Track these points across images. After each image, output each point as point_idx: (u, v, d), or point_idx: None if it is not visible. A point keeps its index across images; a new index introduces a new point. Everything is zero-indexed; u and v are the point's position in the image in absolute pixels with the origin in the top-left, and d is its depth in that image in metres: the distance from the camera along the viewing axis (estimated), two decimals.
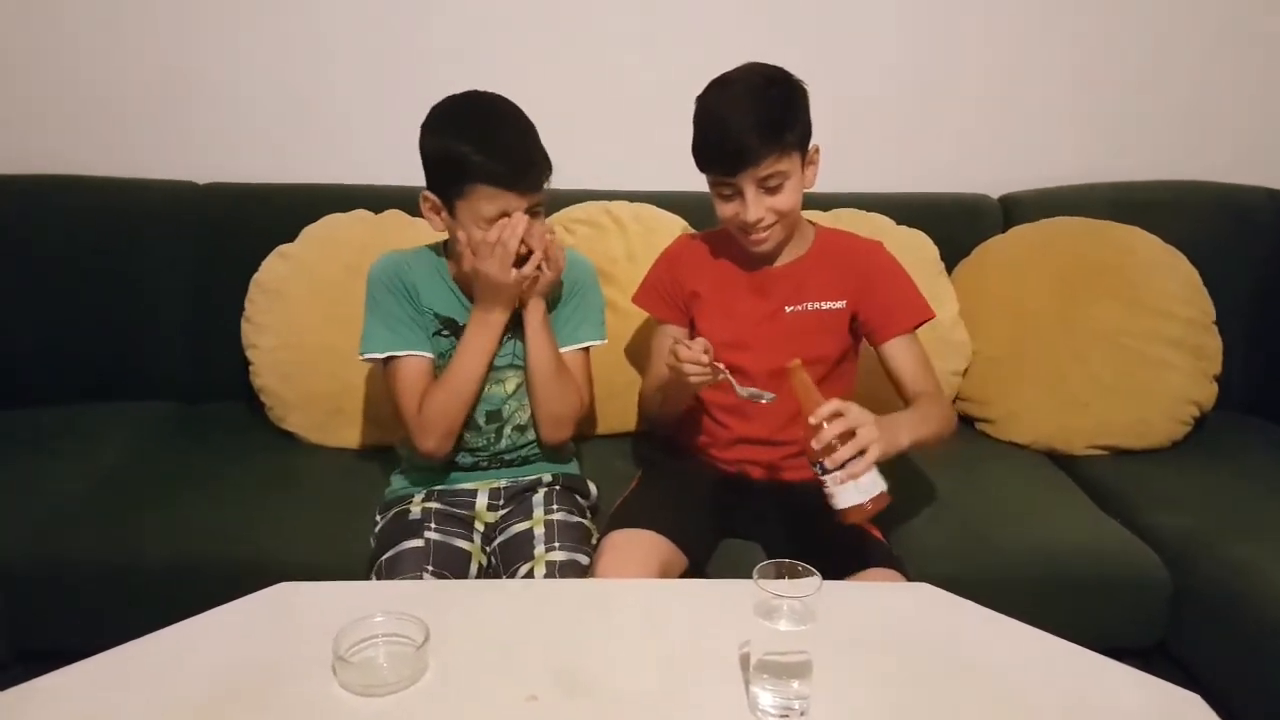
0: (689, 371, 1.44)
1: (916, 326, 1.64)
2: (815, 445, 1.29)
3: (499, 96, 1.54)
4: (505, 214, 1.48)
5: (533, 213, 1.50)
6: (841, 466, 1.28)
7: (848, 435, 1.28)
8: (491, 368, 1.60)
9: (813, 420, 1.29)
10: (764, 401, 1.44)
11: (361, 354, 1.60)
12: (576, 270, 1.67)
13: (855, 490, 1.28)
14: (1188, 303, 2.05)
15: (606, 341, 1.72)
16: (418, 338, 1.59)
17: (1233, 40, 2.32)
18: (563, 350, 1.65)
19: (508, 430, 1.65)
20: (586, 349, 1.70)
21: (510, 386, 1.64)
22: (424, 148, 1.52)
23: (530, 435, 1.68)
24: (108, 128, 2.24)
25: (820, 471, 1.30)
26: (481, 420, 1.63)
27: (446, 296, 1.61)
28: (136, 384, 2.15)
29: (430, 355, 1.60)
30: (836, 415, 1.29)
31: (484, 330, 1.56)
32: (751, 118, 1.50)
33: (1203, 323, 2.06)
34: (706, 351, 1.44)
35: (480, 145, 1.46)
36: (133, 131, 2.24)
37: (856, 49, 2.27)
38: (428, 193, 1.53)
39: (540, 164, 1.50)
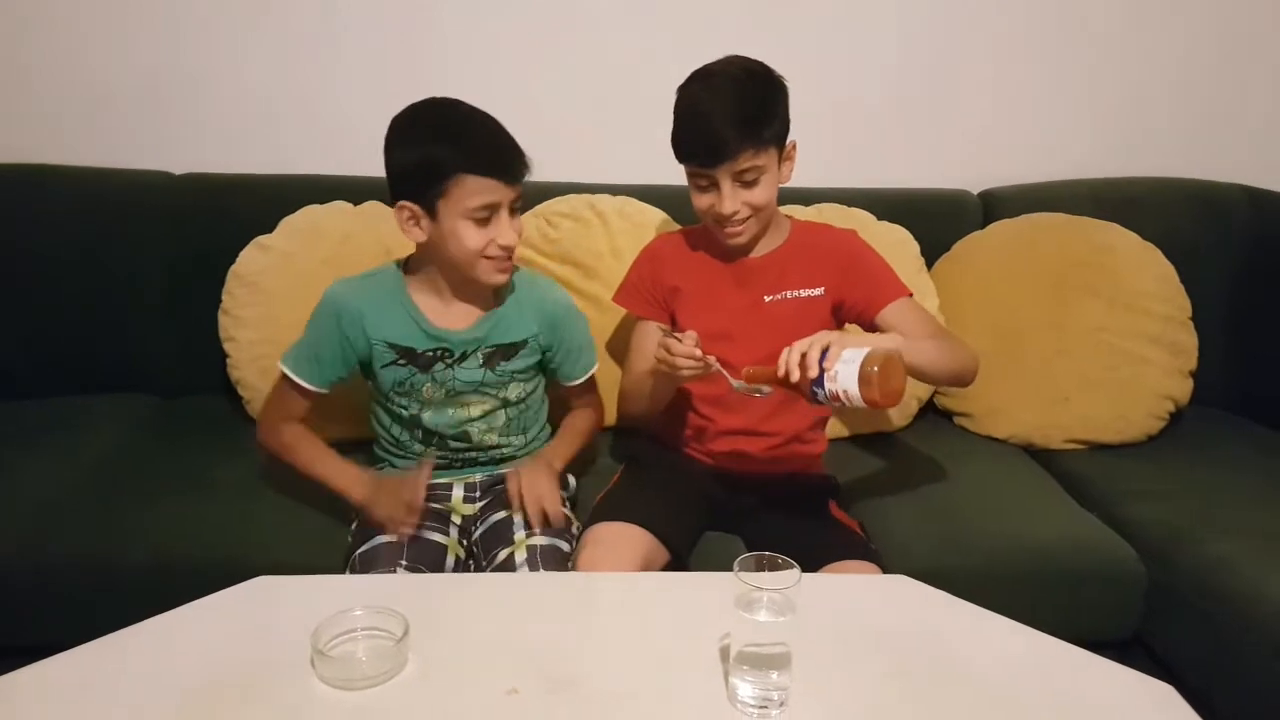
0: (681, 365, 1.43)
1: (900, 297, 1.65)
2: (795, 380, 1.29)
3: (460, 99, 1.51)
4: (491, 206, 1.46)
5: (511, 209, 1.50)
6: (822, 373, 1.28)
7: (805, 357, 1.30)
8: (452, 393, 1.59)
9: (780, 373, 1.31)
10: (759, 396, 1.43)
11: (280, 360, 1.60)
12: (561, 310, 1.67)
13: (847, 369, 1.25)
14: (1165, 299, 2.07)
15: (596, 365, 1.77)
16: (322, 376, 1.58)
17: (1211, 38, 2.34)
18: (575, 382, 1.72)
19: (480, 447, 1.66)
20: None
21: (475, 411, 1.62)
22: (396, 157, 1.49)
23: (503, 442, 1.67)
24: (82, 118, 2.21)
25: (823, 393, 1.28)
26: (450, 439, 1.63)
27: (403, 324, 1.57)
28: (113, 377, 2.13)
29: (322, 391, 1.59)
30: (787, 362, 1.31)
31: (339, 487, 1.58)
32: (731, 112, 1.51)
33: (1179, 319, 2.08)
34: (697, 344, 1.45)
35: (459, 139, 1.44)
36: (108, 121, 2.22)
37: (839, 46, 2.28)
38: (403, 203, 1.49)
39: (520, 152, 1.49)
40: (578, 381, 1.72)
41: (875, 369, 1.23)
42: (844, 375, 1.25)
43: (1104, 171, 2.33)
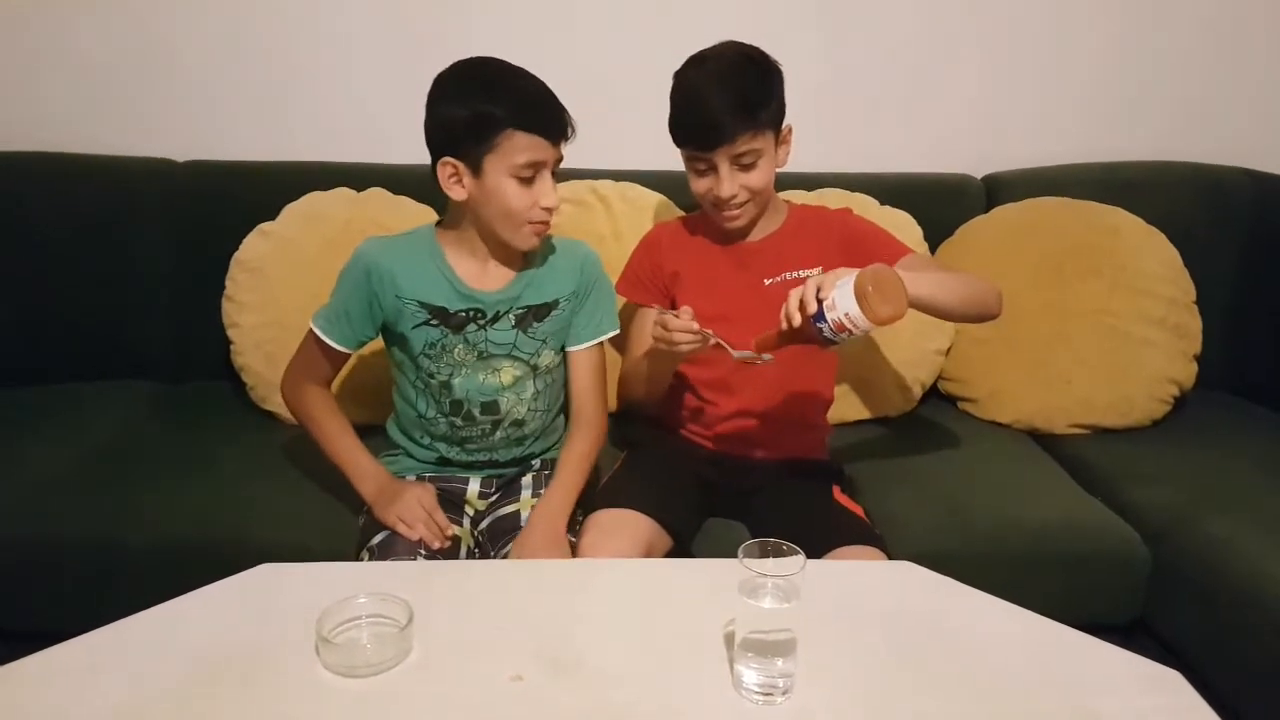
0: (679, 340, 1.43)
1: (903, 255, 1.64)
2: (798, 324, 1.29)
3: (504, 59, 1.50)
4: (537, 165, 1.44)
5: (553, 171, 1.48)
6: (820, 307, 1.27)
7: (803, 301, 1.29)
8: (484, 356, 1.56)
9: (785, 325, 1.31)
10: (760, 364, 1.41)
11: (311, 319, 1.58)
12: (588, 266, 1.64)
13: (842, 293, 1.25)
14: (1169, 282, 2.06)
15: (619, 330, 1.70)
16: (351, 336, 1.56)
17: (1214, 22, 2.32)
18: (583, 346, 1.64)
19: (504, 425, 1.61)
20: (602, 341, 1.67)
21: (506, 378, 1.58)
22: (445, 110, 1.45)
23: (527, 430, 1.64)
24: (84, 105, 2.21)
25: (827, 326, 1.27)
26: (477, 411, 1.59)
27: (436, 283, 1.54)
28: (117, 364, 2.13)
29: (348, 352, 1.58)
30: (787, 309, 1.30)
31: (351, 473, 1.57)
32: (728, 96, 1.51)
33: (1183, 302, 2.07)
34: (692, 319, 1.44)
35: (511, 95, 1.43)
36: (110, 108, 2.21)
37: (841, 29, 2.26)
38: (447, 159, 1.46)
39: (566, 113, 1.47)
40: (585, 346, 1.64)
41: (870, 286, 1.23)
42: (841, 299, 1.24)
43: (1107, 155, 2.31)
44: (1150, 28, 2.32)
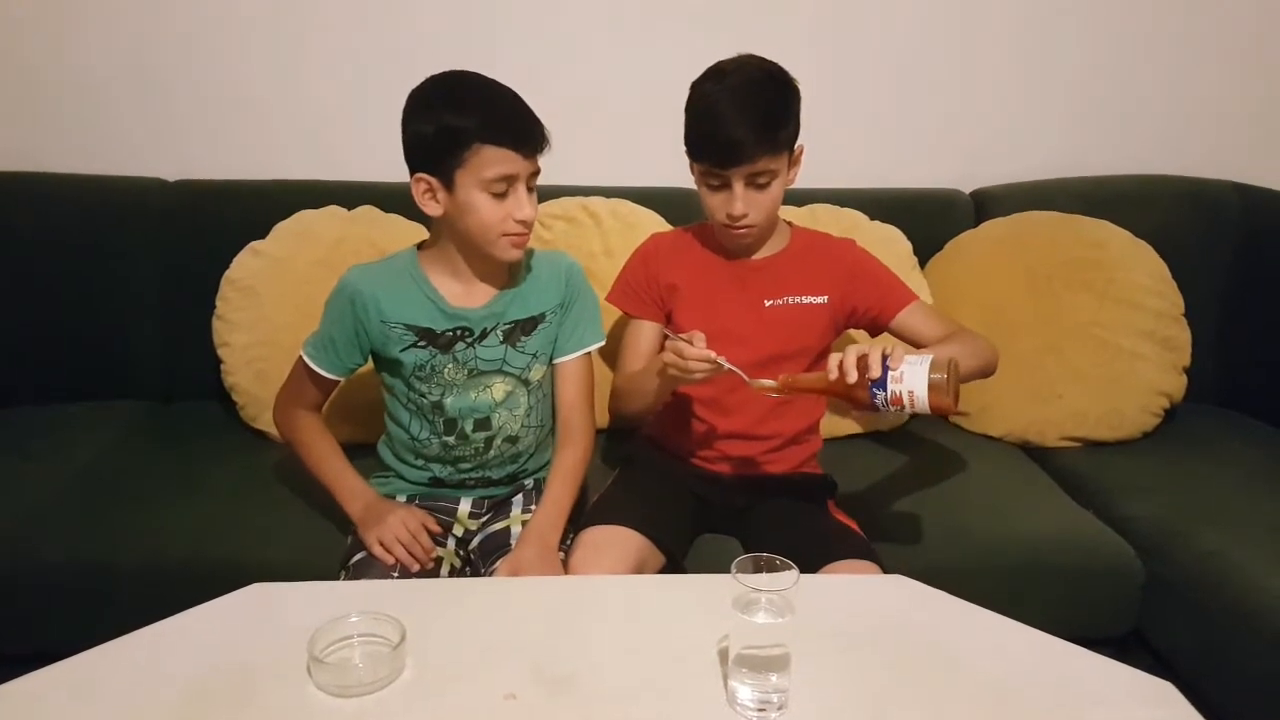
0: (695, 369, 1.38)
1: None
2: (851, 380, 1.25)
3: (478, 72, 1.49)
4: (509, 178, 1.43)
5: (529, 184, 1.47)
6: (884, 375, 1.24)
7: (863, 359, 1.26)
8: (475, 373, 1.56)
9: (832, 375, 1.26)
10: (776, 396, 1.39)
11: (302, 346, 1.58)
12: (573, 276, 1.63)
13: (914, 370, 1.23)
14: (1158, 295, 2.07)
15: (604, 342, 1.68)
16: (339, 364, 1.56)
17: (1200, 35, 2.35)
18: (568, 357, 1.63)
19: (498, 441, 1.61)
20: (589, 353, 1.66)
21: (498, 394, 1.58)
22: (415, 126, 1.45)
23: (520, 446, 1.63)
24: (75, 125, 2.21)
25: (884, 394, 1.24)
26: (469, 428, 1.58)
27: (420, 305, 1.54)
28: (107, 384, 2.12)
29: (337, 379, 1.58)
30: (840, 357, 1.27)
31: (339, 493, 1.57)
32: (751, 114, 1.49)
33: (1172, 315, 2.08)
34: (705, 344, 1.40)
35: (477, 108, 1.42)
36: (99, 127, 2.21)
37: (828, 45, 2.28)
38: (421, 175, 1.45)
39: (538, 124, 1.45)
40: (570, 357, 1.63)
41: (944, 375, 1.22)
42: (911, 376, 1.22)
43: (1095, 169, 2.33)
44: (1137, 42, 2.34)
